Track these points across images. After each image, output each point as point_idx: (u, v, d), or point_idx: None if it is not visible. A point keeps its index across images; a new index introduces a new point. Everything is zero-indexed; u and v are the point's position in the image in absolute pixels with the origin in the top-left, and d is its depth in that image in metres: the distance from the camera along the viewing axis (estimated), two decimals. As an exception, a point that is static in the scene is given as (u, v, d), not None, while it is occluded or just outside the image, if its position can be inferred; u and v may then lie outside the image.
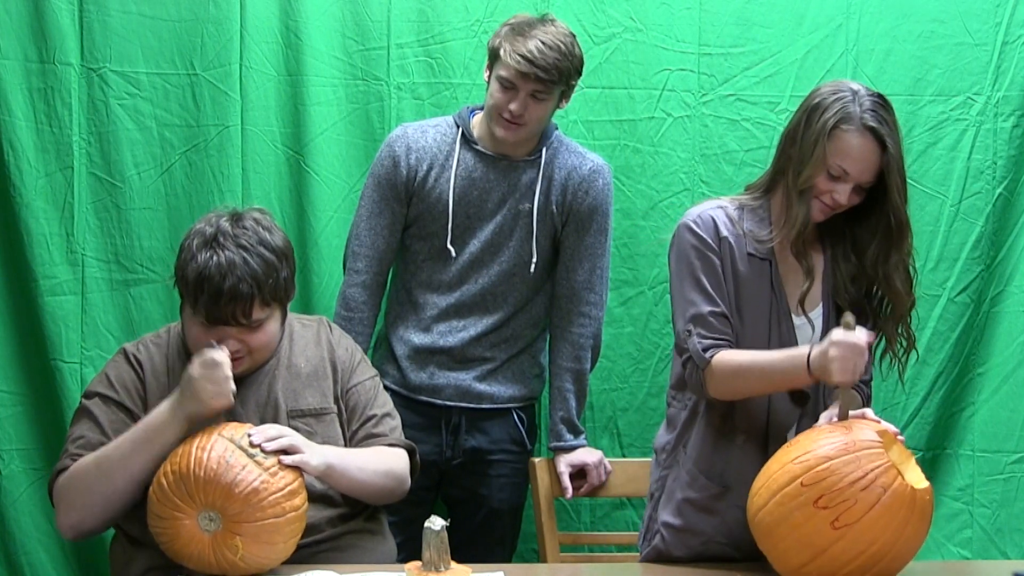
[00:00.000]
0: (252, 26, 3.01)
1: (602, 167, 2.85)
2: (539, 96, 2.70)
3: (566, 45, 2.69)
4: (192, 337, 2.35)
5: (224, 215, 2.35)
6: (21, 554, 2.97)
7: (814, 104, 2.31)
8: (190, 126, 3.01)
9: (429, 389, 2.83)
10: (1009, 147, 3.14)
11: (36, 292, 2.96)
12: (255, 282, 2.27)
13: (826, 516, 2.05)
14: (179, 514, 2.13)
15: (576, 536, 3.07)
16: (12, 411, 2.97)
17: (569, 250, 2.84)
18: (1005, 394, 3.14)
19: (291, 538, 2.19)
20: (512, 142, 2.77)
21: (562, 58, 2.68)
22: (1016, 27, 3.13)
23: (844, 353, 2.12)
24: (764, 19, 3.13)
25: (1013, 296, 3.14)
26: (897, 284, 2.34)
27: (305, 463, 2.23)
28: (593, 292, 2.85)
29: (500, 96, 2.71)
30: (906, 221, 2.32)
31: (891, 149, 2.26)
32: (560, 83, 2.71)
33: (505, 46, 2.68)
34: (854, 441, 2.09)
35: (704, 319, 2.31)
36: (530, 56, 2.65)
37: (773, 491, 2.12)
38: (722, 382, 2.29)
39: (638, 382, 3.13)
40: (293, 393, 2.42)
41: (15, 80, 2.95)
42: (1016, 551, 3.12)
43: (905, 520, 2.06)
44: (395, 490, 2.45)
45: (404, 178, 2.82)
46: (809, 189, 2.30)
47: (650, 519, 2.47)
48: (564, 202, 2.81)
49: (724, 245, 2.34)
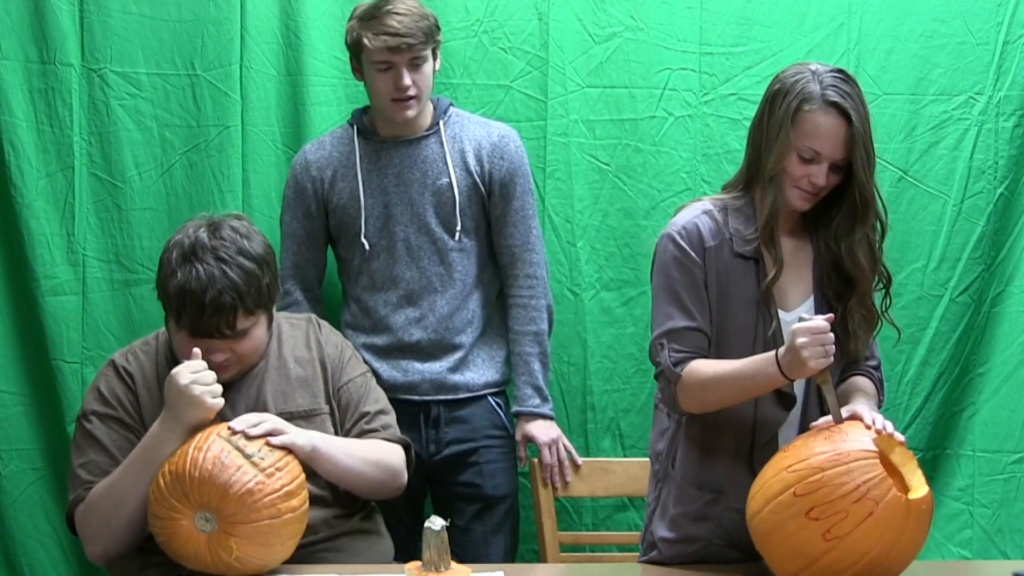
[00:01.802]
0: (252, 26, 3.00)
1: (509, 132, 2.91)
2: (416, 62, 2.75)
3: (416, 7, 2.76)
4: (179, 348, 2.36)
5: (202, 225, 2.35)
6: (21, 554, 2.97)
7: (775, 90, 2.28)
8: (190, 126, 3.01)
9: (404, 387, 2.84)
10: (1010, 147, 3.13)
11: (37, 292, 2.96)
12: (237, 294, 2.28)
13: (818, 528, 2.05)
14: (176, 514, 2.14)
15: (576, 536, 3.07)
16: (12, 411, 2.98)
17: (501, 218, 2.88)
18: (1006, 394, 3.13)
19: (288, 539, 2.19)
20: (413, 117, 2.81)
21: (420, 19, 2.74)
22: (1017, 27, 3.12)
23: (809, 339, 2.10)
24: (765, 18, 3.12)
25: (1014, 296, 3.13)
26: (860, 259, 2.30)
27: (292, 443, 2.25)
28: (533, 252, 2.89)
29: (382, 80, 2.76)
30: (871, 196, 2.28)
31: (856, 122, 2.21)
32: (429, 42, 2.77)
33: (366, 34, 2.74)
34: (847, 452, 2.08)
35: (678, 334, 2.29)
36: (392, 30, 2.71)
37: (768, 498, 2.12)
38: (693, 395, 2.27)
39: (640, 383, 3.13)
40: (283, 395, 2.43)
41: (16, 80, 2.95)
42: (1016, 551, 3.12)
43: (899, 531, 2.05)
44: (388, 483, 2.45)
45: (311, 192, 2.86)
46: (779, 175, 2.27)
47: (647, 531, 2.46)
48: (483, 172, 2.85)
49: (709, 255, 2.30)
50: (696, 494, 2.35)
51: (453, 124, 2.88)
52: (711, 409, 2.29)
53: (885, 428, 2.16)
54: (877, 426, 2.15)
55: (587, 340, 3.11)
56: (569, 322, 3.11)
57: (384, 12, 2.73)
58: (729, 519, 2.31)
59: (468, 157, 2.85)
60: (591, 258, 3.11)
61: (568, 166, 3.10)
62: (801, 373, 2.15)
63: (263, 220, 3.02)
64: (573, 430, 3.11)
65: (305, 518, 2.23)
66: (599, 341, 3.12)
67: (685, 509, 2.36)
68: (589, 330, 3.11)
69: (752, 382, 2.21)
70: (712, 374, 2.25)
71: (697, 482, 2.35)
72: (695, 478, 2.36)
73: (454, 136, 2.86)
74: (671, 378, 2.29)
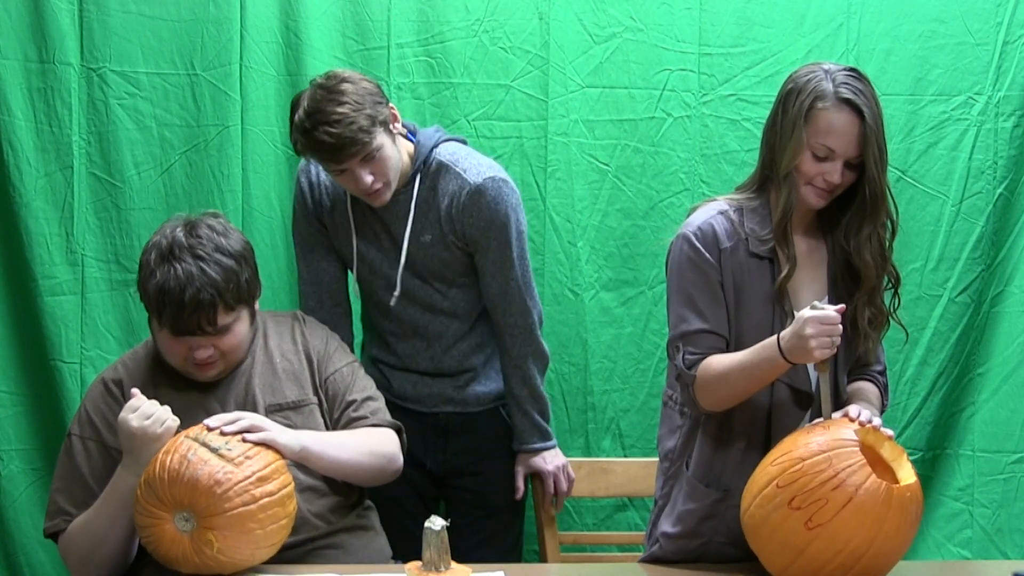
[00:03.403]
0: (252, 26, 3.00)
1: (482, 185, 2.68)
2: (368, 157, 2.58)
3: (351, 98, 2.54)
4: (164, 348, 2.40)
5: (178, 225, 2.38)
6: (21, 554, 2.97)
7: (788, 90, 2.30)
8: (190, 126, 3.01)
9: (413, 398, 2.84)
10: (1010, 147, 3.14)
11: (36, 292, 2.96)
12: (215, 290, 2.31)
13: (800, 517, 2.06)
14: (157, 520, 2.15)
15: (577, 536, 3.06)
16: (12, 411, 2.97)
17: (480, 268, 2.77)
18: (1005, 394, 3.14)
19: (270, 524, 2.18)
20: (388, 198, 2.67)
21: (355, 114, 2.53)
22: (1017, 27, 3.13)
23: (817, 329, 2.12)
24: (765, 19, 3.13)
25: (1013, 296, 3.14)
26: (867, 256, 2.31)
27: (272, 440, 2.25)
28: (511, 303, 2.77)
29: (343, 180, 2.63)
30: (882, 193, 2.29)
31: (869, 119, 2.23)
32: (374, 132, 2.56)
33: (305, 152, 2.58)
34: (828, 441, 2.10)
35: (692, 336, 2.31)
36: (327, 145, 2.52)
37: (754, 493, 2.15)
38: (709, 392, 2.29)
39: (639, 382, 3.13)
40: (271, 388, 2.45)
41: (15, 80, 2.94)
42: (1016, 551, 3.12)
43: (881, 518, 2.06)
44: (385, 468, 2.47)
45: (313, 211, 2.80)
46: (793, 173, 2.28)
47: (653, 526, 2.47)
48: (456, 231, 2.72)
49: (724, 256, 2.31)
50: (706, 492, 2.37)
51: (433, 175, 2.72)
52: (728, 404, 2.30)
53: (871, 421, 2.17)
54: (862, 419, 2.17)
55: (587, 340, 3.11)
56: (569, 322, 3.11)
57: (315, 124, 2.52)
58: (732, 517, 2.32)
59: (442, 216, 2.72)
60: (591, 258, 3.12)
61: (568, 166, 3.10)
62: (803, 359, 2.17)
63: (263, 220, 3.02)
64: (573, 430, 3.11)
65: (288, 503, 2.22)
66: (599, 341, 3.12)
67: (694, 506, 2.38)
68: (589, 330, 3.11)
69: (757, 369, 2.23)
70: (722, 368, 2.26)
71: (707, 479, 2.37)
72: (706, 474, 2.37)
73: (430, 190, 2.72)
74: (687, 380, 2.30)
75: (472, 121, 3.07)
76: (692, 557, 2.39)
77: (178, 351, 2.37)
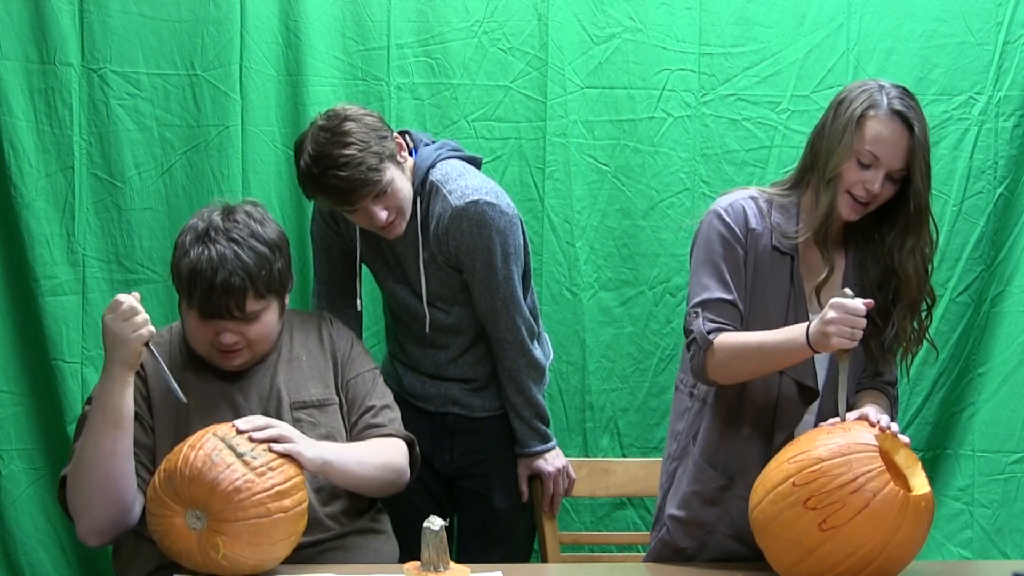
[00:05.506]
0: (252, 26, 3.00)
1: (463, 209, 2.63)
2: (379, 195, 2.56)
3: (358, 139, 2.51)
4: (191, 332, 2.38)
5: (216, 209, 2.38)
6: (21, 554, 2.97)
7: (841, 99, 2.35)
8: (190, 126, 3.01)
9: (422, 397, 2.85)
10: (1010, 147, 3.14)
11: (37, 292, 2.96)
12: (247, 275, 2.30)
13: (814, 517, 2.06)
14: (169, 512, 2.14)
15: (577, 536, 3.07)
16: (12, 411, 2.97)
17: (470, 286, 2.75)
18: (1005, 394, 3.14)
19: (280, 540, 2.18)
20: (403, 229, 2.66)
21: (363, 154, 2.50)
22: (1017, 27, 3.13)
23: (842, 317, 2.13)
24: (765, 19, 3.13)
25: (1014, 296, 3.14)
26: (909, 269, 2.35)
27: (299, 453, 2.23)
28: (499, 319, 2.75)
29: (357, 218, 2.62)
30: (926, 207, 2.33)
31: (918, 132, 2.27)
32: (383, 170, 2.54)
33: (315, 196, 2.57)
34: (848, 444, 2.10)
35: (714, 304, 2.33)
36: (338, 192, 2.51)
37: (768, 489, 2.14)
38: (723, 363, 2.30)
39: (638, 382, 3.13)
40: (295, 385, 2.44)
41: (16, 80, 2.94)
42: (1016, 551, 3.12)
43: (895, 525, 2.06)
44: (395, 482, 2.46)
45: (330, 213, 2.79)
46: (836, 178, 2.30)
47: (659, 510, 2.49)
48: (444, 252, 2.71)
49: (751, 237, 2.35)
50: (711, 475, 2.39)
51: (427, 196, 2.69)
52: (736, 379, 2.33)
53: (890, 427, 2.18)
54: (883, 424, 2.18)
55: (585, 340, 3.11)
56: (568, 322, 3.11)
57: (323, 169, 2.50)
58: (736, 508, 2.34)
59: (431, 237, 2.70)
60: (590, 258, 3.12)
61: (567, 167, 3.10)
62: (824, 347, 2.18)
63: (263, 220, 3.02)
64: (571, 429, 3.11)
65: (302, 519, 2.22)
66: (598, 341, 3.12)
67: (697, 489, 2.40)
68: (588, 330, 3.12)
69: (777, 351, 2.24)
70: (744, 342, 2.28)
71: (713, 461, 2.39)
72: (713, 455, 2.39)
73: (428, 210, 2.69)
74: (703, 344, 2.31)
75: (471, 122, 3.07)
76: (698, 544, 2.41)
77: (205, 335, 2.35)
